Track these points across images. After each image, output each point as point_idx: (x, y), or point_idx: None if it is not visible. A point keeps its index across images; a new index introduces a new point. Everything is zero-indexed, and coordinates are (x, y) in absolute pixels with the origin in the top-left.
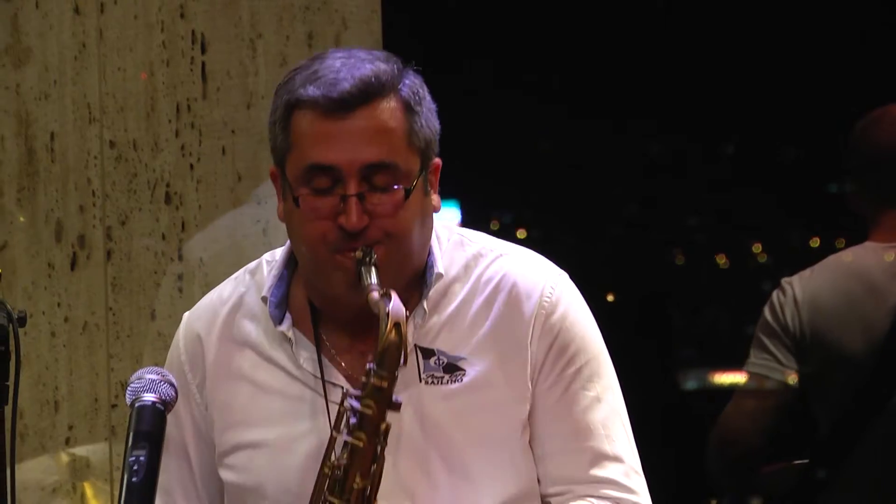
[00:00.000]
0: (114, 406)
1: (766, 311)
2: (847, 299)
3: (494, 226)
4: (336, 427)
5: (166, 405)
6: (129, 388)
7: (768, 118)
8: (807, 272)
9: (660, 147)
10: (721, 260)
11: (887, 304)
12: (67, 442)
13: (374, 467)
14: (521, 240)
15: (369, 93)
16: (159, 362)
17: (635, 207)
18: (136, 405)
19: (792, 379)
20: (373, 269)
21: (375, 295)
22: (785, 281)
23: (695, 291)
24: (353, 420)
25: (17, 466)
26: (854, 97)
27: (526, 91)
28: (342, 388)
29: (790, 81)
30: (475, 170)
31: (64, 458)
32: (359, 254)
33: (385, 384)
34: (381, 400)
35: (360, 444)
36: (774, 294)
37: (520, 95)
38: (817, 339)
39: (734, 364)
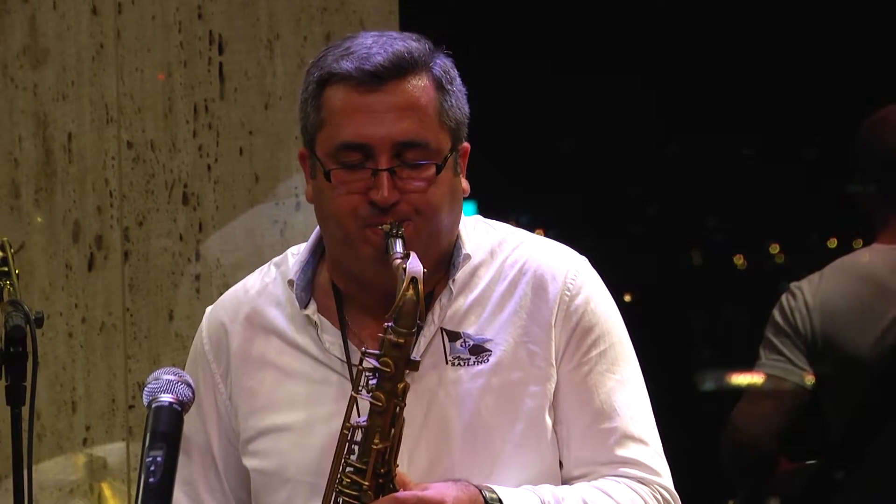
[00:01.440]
0: (131, 407)
1: (777, 315)
2: (857, 302)
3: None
4: (355, 387)
5: (183, 406)
6: (146, 389)
7: (787, 118)
8: (815, 276)
9: (678, 147)
10: (739, 260)
11: None
12: (85, 442)
13: (393, 430)
14: None
15: (402, 67)
16: (177, 363)
17: (653, 208)
18: (154, 406)
19: (804, 380)
20: (399, 240)
21: (398, 261)
22: (794, 285)
23: (712, 292)
24: (372, 381)
25: (34, 467)
26: (875, 97)
27: (544, 91)
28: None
29: (809, 80)
30: (492, 170)
31: (81, 458)
32: (386, 227)
33: (402, 341)
34: (398, 357)
35: (380, 405)
36: (784, 298)
37: (538, 95)
38: (829, 343)
39: (752, 365)
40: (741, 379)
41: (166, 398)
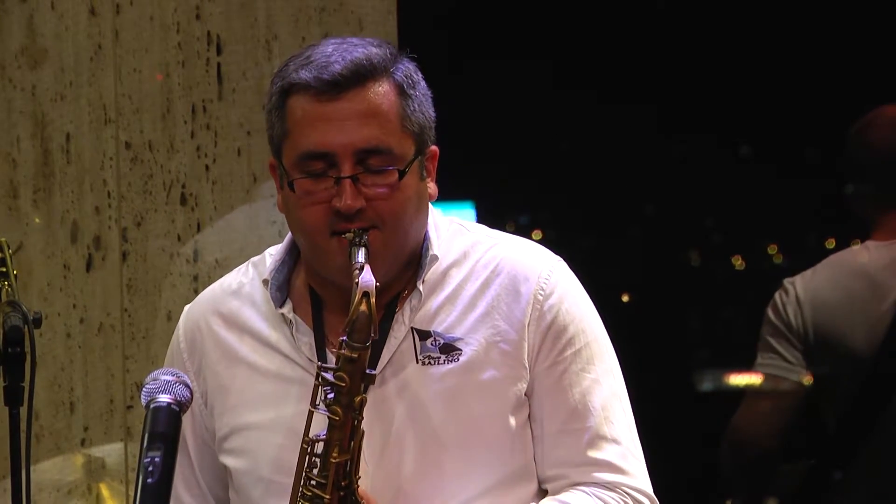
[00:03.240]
0: (129, 407)
1: (770, 312)
2: (849, 297)
3: (510, 228)
4: (313, 402)
5: (181, 406)
6: (144, 390)
7: (785, 118)
8: (808, 272)
9: (676, 147)
10: (737, 261)
11: (889, 301)
12: (83, 443)
13: (352, 442)
14: (536, 241)
15: (361, 74)
16: None
17: (651, 208)
18: (152, 406)
19: (801, 377)
20: (362, 249)
21: (356, 272)
22: (787, 281)
23: (710, 292)
24: (329, 395)
25: (32, 467)
26: (873, 98)
27: (542, 91)
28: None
29: (808, 81)
30: (491, 171)
31: (79, 459)
32: (350, 235)
33: (356, 355)
34: (353, 372)
35: (337, 419)
36: (777, 294)
37: (536, 96)
38: (821, 338)
39: (749, 365)
40: (739, 379)
41: (164, 399)
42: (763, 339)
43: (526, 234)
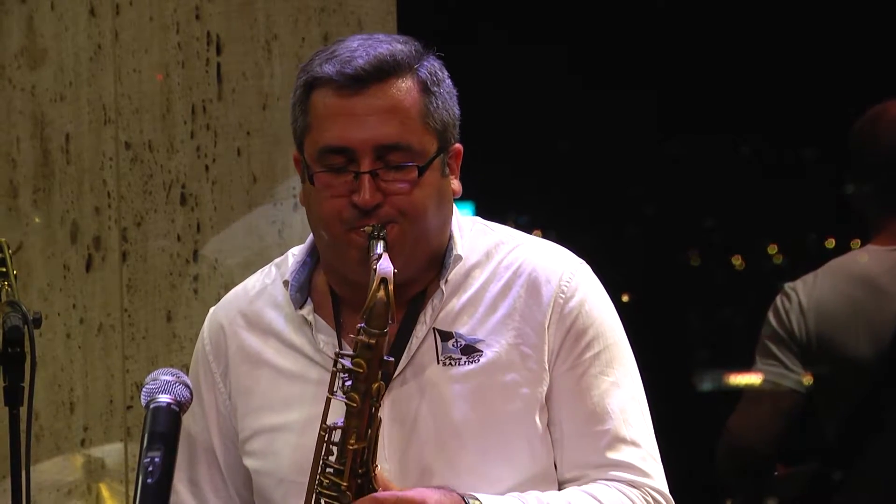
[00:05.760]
0: (129, 407)
1: (771, 317)
2: (851, 303)
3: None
4: (330, 389)
5: (181, 406)
6: (144, 390)
7: (785, 118)
8: (810, 277)
9: (676, 147)
10: (737, 261)
11: (892, 307)
12: (83, 443)
13: (369, 431)
14: None
15: (384, 70)
16: (175, 364)
17: (651, 208)
18: (152, 406)
19: (798, 384)
20: (381, 242)
21: (376, 261)
22: (788, 286)
23: (710, 292)
24: (347, 382)
25: (32, 467)
26: (873, 97)
27: (543, 92)
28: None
29: (808, 81)
30: (491, 171)
31: (79, 459)
32: (369, 228)
33: (374, 341)
34: (371, 358)
35: (354, 405)
36: (778, 300)
37: (536, 96)
38: (823, 345)
39: (749, 365)
40: (739, 379)
41: (164, 399)
42: (762, 344)
43: (525, 233)
